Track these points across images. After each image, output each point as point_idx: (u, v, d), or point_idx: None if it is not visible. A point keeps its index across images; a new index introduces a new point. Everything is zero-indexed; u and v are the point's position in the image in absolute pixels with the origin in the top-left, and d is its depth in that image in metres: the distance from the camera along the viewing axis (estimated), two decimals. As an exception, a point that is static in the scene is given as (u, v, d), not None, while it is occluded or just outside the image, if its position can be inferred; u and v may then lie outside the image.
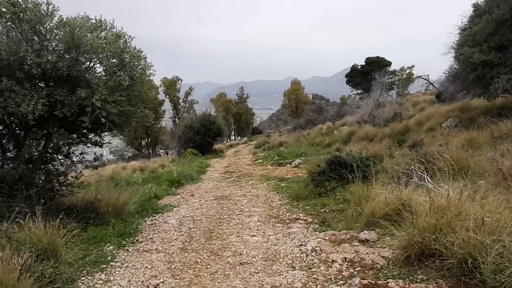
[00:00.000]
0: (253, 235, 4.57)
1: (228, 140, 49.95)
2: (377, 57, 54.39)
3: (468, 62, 9.17)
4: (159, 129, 34.64)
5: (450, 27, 10.50)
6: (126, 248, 4.46)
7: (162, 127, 34.46)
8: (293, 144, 19.36)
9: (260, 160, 15.69)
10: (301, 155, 14.87)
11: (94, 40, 4.66)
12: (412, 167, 5.33)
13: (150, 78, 5.52)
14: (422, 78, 33.72)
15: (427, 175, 5.06)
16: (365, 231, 3.75)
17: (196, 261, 3.91)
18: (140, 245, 4.58)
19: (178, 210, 6.54)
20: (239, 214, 5.95)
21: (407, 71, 60.46)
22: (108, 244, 4.51)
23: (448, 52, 10.58)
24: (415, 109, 19.85)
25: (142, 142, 36.94)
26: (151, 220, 5.74)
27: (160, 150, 36.78)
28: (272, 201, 6.99)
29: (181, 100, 40.30)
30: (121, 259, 4.13)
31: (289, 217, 5.51)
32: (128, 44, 5.18)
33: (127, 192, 6.41)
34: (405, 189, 4.16)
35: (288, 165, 13.30)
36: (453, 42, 10.51)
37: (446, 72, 11.12)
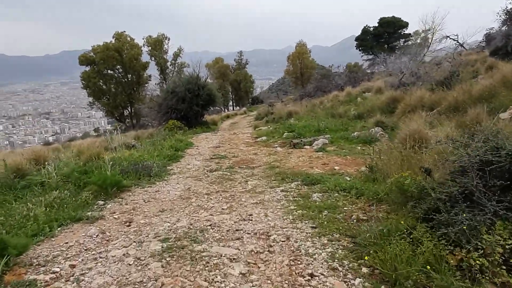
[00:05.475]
0: None
1: (226, 110, 45.06)
2: (393, 17, 48.24)
3: None
4: (144, 96, 29.67)
5: None
6: None
7: (147, 95, 29.49)
8: (307, 116, 14.66)
9: (264, 138, 11.10)
10: (323, 131, 10.29)
11: None
12: None
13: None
14: (451, 39, 28.51)
15: None
16: None
17: None
18: None
19: None
20: None
21: (422, 35, 54.13)
22: None
23: None
24: (469, 68, 15.03)
25: (125, 112, 31.99)
26: None
27: (153, 121, 31.93)
28: (314, 275, 2.50)
29: (169, 63, 34.77)
30: None
31: None
32: None
33: None
34: None
35: (307, 146, 8.75)
36: None
37: None
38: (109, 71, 30.76)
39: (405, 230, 2.56)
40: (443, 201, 2.42)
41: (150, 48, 33.56)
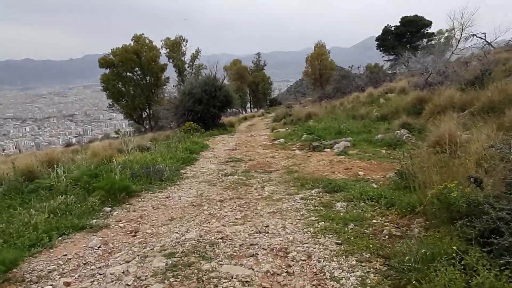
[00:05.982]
0: None
1: (243, 112, 44.84)
2: (415, 15, 46.79)
3: None
4: (161, 98, 29.81)
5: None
6: None
7: (165, 97, 29.54)
8: (326, 117, 14.13)
9: (282, 140, 10.69)
10: (344, 134, 9.77)
11: None
12: None
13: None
14: (477, 37, 27.19)
15: None
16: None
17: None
18: None
19: None
20: None
21: (446, 34, 52.15)
22: None
23: None
24: (500, 67, 14.14)
25: (143, 114, 32.24)
26: None
27: (171, 123, 32.02)
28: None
29: (187, 65, 34.85)
30: None
31: None
32: None
33: None
34: None
35: (327, 149, 8.27)
36: None
37: None
38: (127, 73, 31.04)
39: (454, 254, 2.10)
40: (506, 221, 1.95)
41: (168, 50, 33.71)
